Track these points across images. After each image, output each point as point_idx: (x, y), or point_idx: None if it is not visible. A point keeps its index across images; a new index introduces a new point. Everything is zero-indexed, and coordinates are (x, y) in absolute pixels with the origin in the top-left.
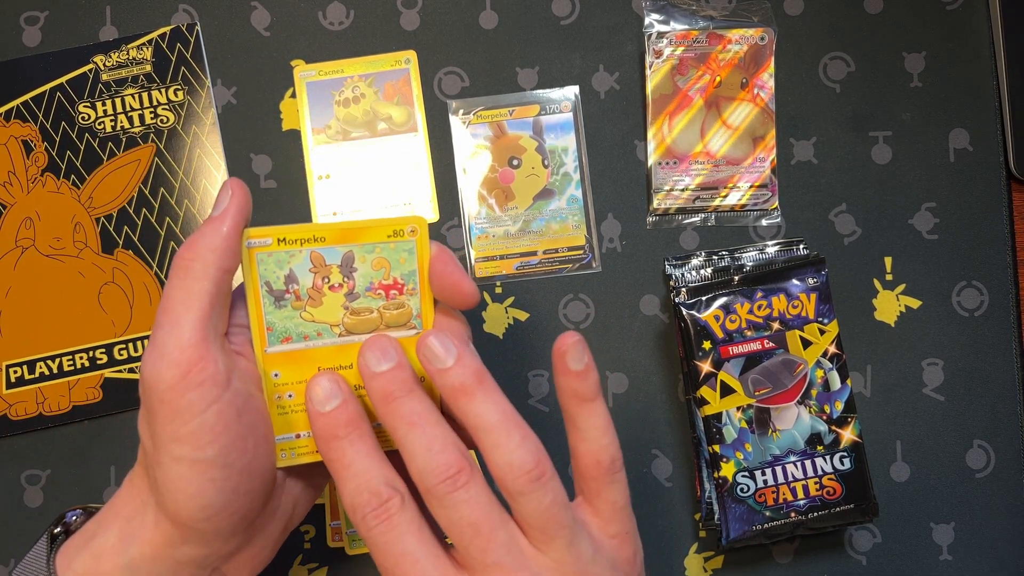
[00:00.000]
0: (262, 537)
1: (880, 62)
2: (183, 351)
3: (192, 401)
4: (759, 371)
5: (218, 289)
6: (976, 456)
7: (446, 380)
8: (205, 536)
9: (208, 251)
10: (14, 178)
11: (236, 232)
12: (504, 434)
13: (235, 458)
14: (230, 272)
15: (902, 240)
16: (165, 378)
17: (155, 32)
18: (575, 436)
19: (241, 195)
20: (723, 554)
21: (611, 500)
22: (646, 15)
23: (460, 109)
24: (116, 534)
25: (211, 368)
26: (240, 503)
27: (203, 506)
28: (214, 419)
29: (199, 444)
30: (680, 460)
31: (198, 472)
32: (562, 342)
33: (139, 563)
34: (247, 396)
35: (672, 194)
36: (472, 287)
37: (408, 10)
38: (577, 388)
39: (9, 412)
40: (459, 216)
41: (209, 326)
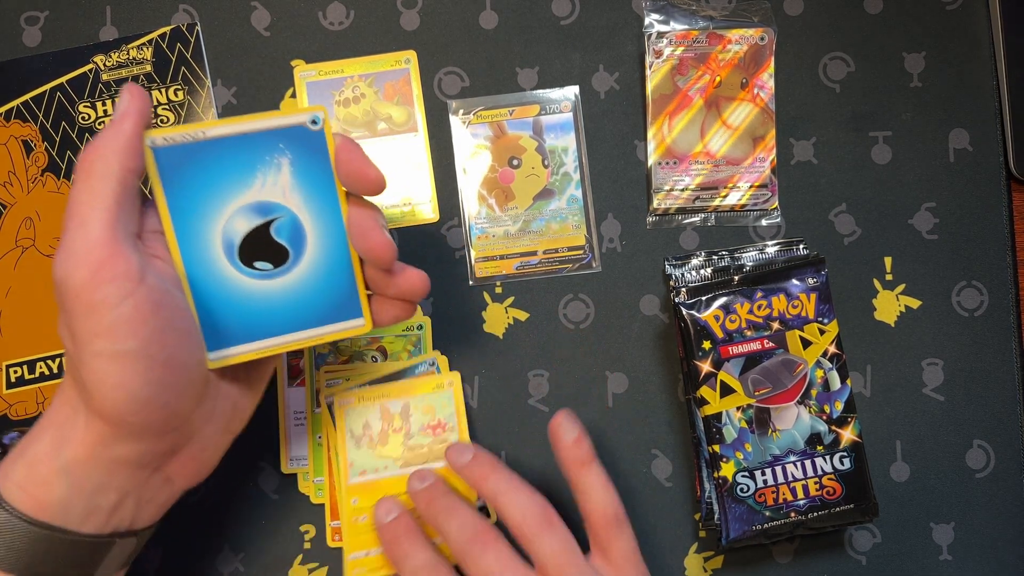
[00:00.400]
0: (201, 437)
1: (880, 62)
2: (92, 249)
3: (106, 295)
4: (759, 371)
5: (123, 188)
6: (976, 456)
7: (470, 472)
8: (136, 432)
9: (109, 151)
10: (14, 178)
11: (137, 132)
12: (515, 494)
13: (156, 350)
14: (134, 172)
15: (902, 240)
16: (77, 276)
17: (155, 32)
18: (582, 498)
19: (139, 97)
20: (723, 554)
21: (621, 548)
22: (646, 15)
23: (460, 109)
24: (49, 441)
25: (122, 264)
26: (167, 396)
27: (129, 398)
28: (130, 312)
29: (118, 337)
30: (680, 460)
31: (120, 365)
32: (555, 420)
33: (74, 465)
34: (163, 292)
35: (672, 194)
36: (378, 173)
37: (408, 10)
38: (575, 455)
39: (9, 412)
40: (459, 216)
41: (117, 224)
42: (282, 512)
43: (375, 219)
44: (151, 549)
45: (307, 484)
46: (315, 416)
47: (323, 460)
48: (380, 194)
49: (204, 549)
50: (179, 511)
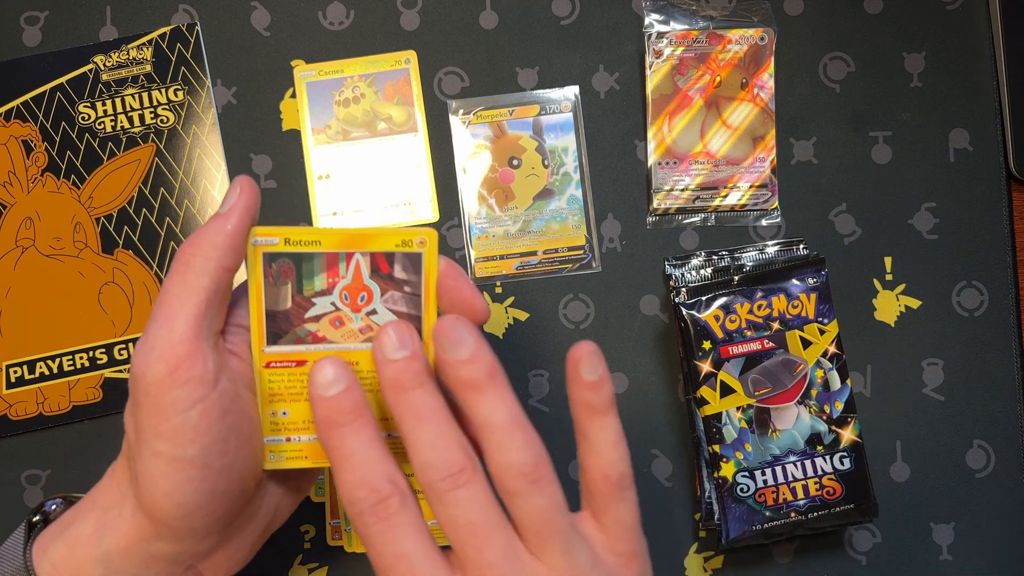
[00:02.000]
0: (240, 538)
1: (880, 62)
2: (173, 347)
3: (177, 398)
4: (759, 371)
5: (216, 287)
6: (976, 456)
7: (458, 372)
8: (179, 534)
9: (210, 248)
10: (14, 178)
11: (241, 230)
12: (508, 435)
13: (215, 459)
14: (231, 271)
15: (902, 240)
16: (153, 372)
17: (155, 32)
18: (584, 448)
19: (249, 193)
20: (723, 554)
21: (618, 517)
22: (646, 15)
23: (460, 109)
24: (92, 524)
25: (200, 366)
26: (217, 504)
27: (179, 504)
28: (197, 418)
29: (180, 442)
30: (680, 460)
31: (176, 470)
32: (577, 351)
33: (113, 555)
34: (234, 397)
35: (672, 194)
36: (483, 304)
37: (408, 10)
38: (590, 399)
39: (9, 412)
40: (459, 216)
41: (203, 324)
42: None
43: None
44: None
45: None
46: None
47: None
48: (482, 325)
49: None
50: None
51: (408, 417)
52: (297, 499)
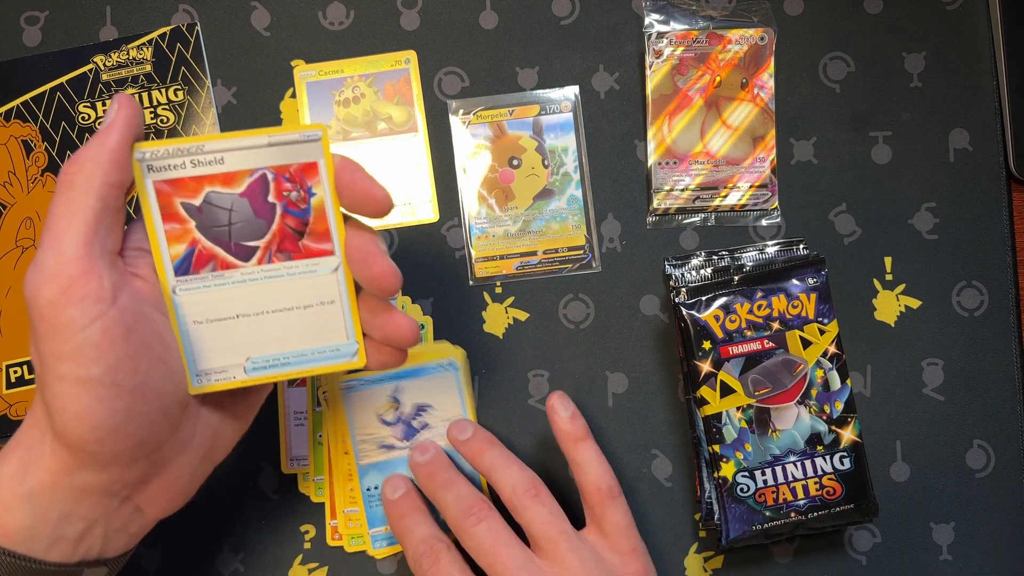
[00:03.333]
0: (175, 467)
1: (880, 62)
2: (63, 267)
3: (73, 317)
4: (759, 371)
5: (103, 204)
6: (976, 456)
7: (468, 448)
8: (101, 461)
9: (92, 165)
10: (14, 178)
11: (123, 144)
12: (507, 467)
13: (124, 377)
14: (117, 187)
15: (902, 240)
16: (45, 294)
17: (155, 32)
18: (576, 471)
19: (128, 108)
20: (723, 554)
21: (615, 521)
22: (646, 15)
23: (460, 109)
24: (15, 463)
25: (94, 284)
26: (135, 425)
27: (92, 426)
28: (99, 336)
29: (83, 361)
30: (680, 460)
31: (84, 391)
32: (549, 401)
33: (39, 492)
34: (138, 315)
35: (672, 194)
36: (383, 192)
37: (408, 10)
38: (569, 431)
39: (9, 412)
40: (459, 216)
41: (94, 241)
42: (282, 512)
43: (376, 244)
44: (151, 549)
45: (307, 484)
46: (315, 415)
47: (323, 459)
48: (386, 216)
49: (204, 549)
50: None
51: (439, 490)
52: (238, 428)
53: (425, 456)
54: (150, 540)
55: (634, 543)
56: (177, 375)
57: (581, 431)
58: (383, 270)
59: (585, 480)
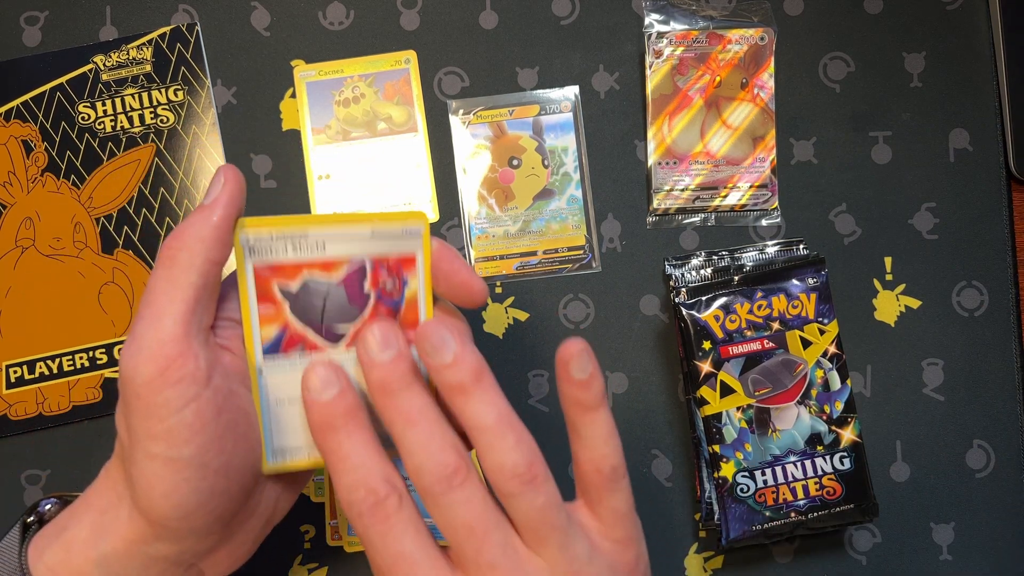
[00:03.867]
0: (241, 534)
1: (880, 62)
2: (163, 346)
3: (169, 399)
4: (759, 371)
5: (204, 281)
6: (976, 456)
7: (443, 377)
8: (179, 534)
9: (196, 241)
10: (14, 178)
11: (227, 222)
12: (499, 436)
13: (212, 458)
14: (218, 264)
15: (902, 240)
16: (143, 373)
17: (155, 32)
18: (577, 443)
19: (234, 183)
20: (723, 554)
21: (613, 507)
22: (646, 15)
23: (460, 109)
24: (89, 527)
25: (191, 365)
26: (216, 503)
27: (177, 505)
28: (192, 418)
29: (175, 443)
30: (680, 460)
31: (172, 471)
32: (566, 350)
33: (111, 558)
34: (228, 394)
35: (672, 194)
36: (481, 284)
37: (408, 10)
38: (580, 397)
39: (9, 412)
40: (459, 216)
41: (193, 320)
42: None
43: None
44: None
45: (307, 484)
46: None
47: None
48: (481, 305)
49: None
50: None
51: (398, 420)
52: (297, 491)
53: (386, 352)
54: None
55: (631, 531)
56: (256, 453)
57: (596, 398)
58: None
59: (586, 456)
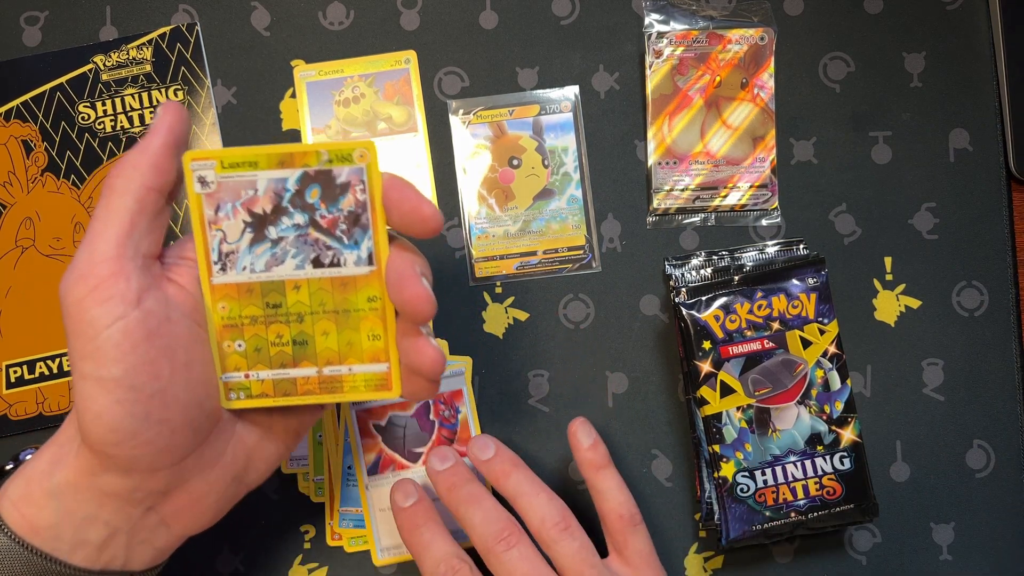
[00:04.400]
0: (202, 482)
1: (880, 62)
2: (94, 266)
3: (96, 316)
4: (759, 371)
5: (140, 206)
6: (976, 456)
7: (491, 467)
8: (121, 465)
9: (131, 168)
10: (14, 178)
11: (164, 148)
12: (535, 496)
13: (144, 381)
14: (156, 190)
15: (902, 240)
16: (74, 292)
17: (155, 32)
18: (598, 499)
19: (172, 114)
20: (723, 554)
21: (637, 549)
22: (646, 15)
23: (460, 109)
24: (47, 459)
25: (121, 284)
26: (155, 432)
27: (110, 428)
28: (119, 337)
29: (103, 361)
30: (680, 460)
31: (103, 391)
32: (572, 425)
33: (63, 489)
34: (163, 319)
35: (672, 194)
36: (433, 209)
37: (408, 10)
38: (591, 459)
39: (9, 412)
40: (459, 216)
41: (127, 243)
42: (282, 512)
43: (415, 267)
44: None
45: (307, 484)
46: None
47: (323, 459)
48: (436, 234)
49: (204, 549)
50: None
51: (461, 505)
52: (276, 452)
53: (446, 464)
54: None
55: (656, 570)
56: (204, 386)
57: (603, 459)
58: (415, 294)
59: (607, 508)
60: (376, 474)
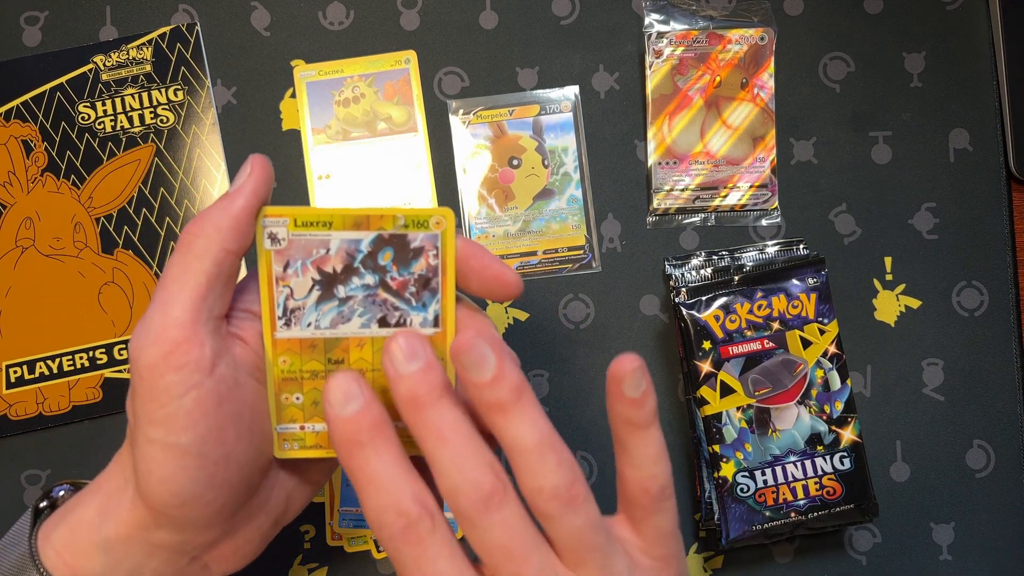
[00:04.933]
0: (248, 530)
1: (880, 62)
2: (168, 330)
3: (171, 383)
4: (759, 371)
5: (218, 270)
6: (976, 456)
7: (482, 394)
8: (178, 523)
9: (214, 229)
10: (14, 178)
11: (248, 211)
12: (539, 457)
13: (212, 448)
14: (235, 254)
15: (902, 240)
16: (147, 356)
17: (155, 32)
18: (623, 460)
19: (260, 172)
20: (723, 554)
21: (657, 526)
22: (646, 15)
23: (460, 109)
24: (95, 509)
25: (196, 352)
26: (216, 494)
27: (174, 492)
28: (192, 405)
29: (173, 429)
30: (680, 460)
31: (170, 457)
32: (619, 367)
33: (113, 542)
34: (232, 385)
35: (672, 194)
36: (515, 277)
37: (408, 10)
38: (632, 415)
39: (9, 412)
40: (459, 216)
41: (203, 308)
42: None
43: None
44: None
45: None
46: None
47: None
48: (516, 297)
49: None
50: None
51: (429, 437)
52: (311, 492)
53: (416, 362)
54: None
55: (673, 549)
56: (262, 444)
57: (648, 416)
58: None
59: (634, 475)
60: None
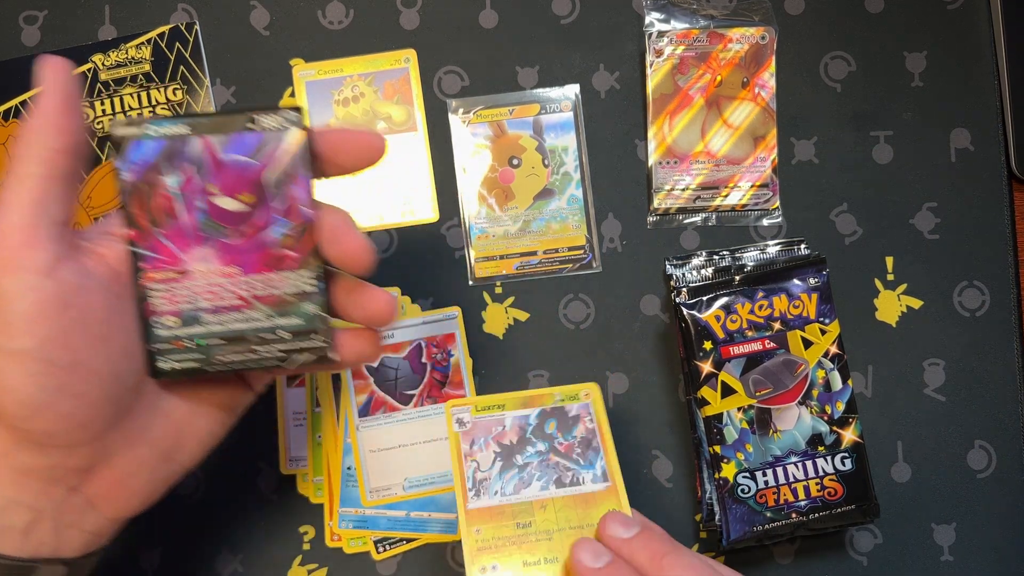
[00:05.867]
0: (127, 460)
1: (881, 61)
2: (4, 236)
3: (7, 288)
4: (760, 371)
5: (49, 170)
6: (977, 456)
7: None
8: (37, 440)
9: (33, 134)
10: None
11: (58, 108)
12: None
13: (57, 353)
14: (61, 152)
15: (903, 240)
16: None
17: (154, 31)
18: None
19: (57, 71)
20: (724, 555)
21: None
22: (646, 14)
23: (460, 108)
24: None
25: (33, 254)
26: (72, 406)
27: (22, 402)
28: (30, 308)
29: (14, 333)
30: (680, 461)
31: (15, 363)
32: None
33: None
34: (79, 290)
35: (673, 194)
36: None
37: (408, 9)
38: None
39: None
40: (459, 216)
41: (40, 211)
42: (281, 513)
43: (347, 220)
44: (150, 550)
45: (306, 485)
46: (314, 416)
47: (322, 460)
48: (380, 161)
49: (203, 550)
50: (178, 511)
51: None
52: (209, 431)
53: (631, 530)
54: (149, 541)
55: None
56: (124, 358)
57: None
58: (354, 245)
59: None
60: (367, 416)
